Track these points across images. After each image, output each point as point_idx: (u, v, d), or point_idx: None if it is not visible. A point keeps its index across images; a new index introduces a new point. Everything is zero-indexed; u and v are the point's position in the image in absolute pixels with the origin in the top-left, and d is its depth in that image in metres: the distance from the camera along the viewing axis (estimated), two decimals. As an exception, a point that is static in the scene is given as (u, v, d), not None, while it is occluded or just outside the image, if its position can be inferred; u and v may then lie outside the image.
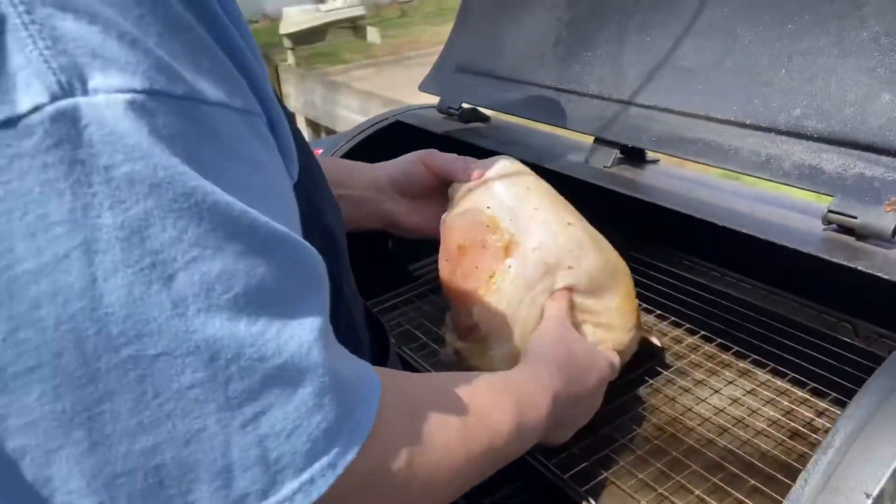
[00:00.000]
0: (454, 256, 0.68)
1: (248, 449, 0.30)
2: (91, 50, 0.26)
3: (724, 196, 0.65)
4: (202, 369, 0.28)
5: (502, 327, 0.65)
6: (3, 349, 0.25)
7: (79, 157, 0.25)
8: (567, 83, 0.80)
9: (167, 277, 0.27)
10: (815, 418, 0.69)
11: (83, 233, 0.25)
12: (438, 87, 0.97)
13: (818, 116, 0.58)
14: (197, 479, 0.29)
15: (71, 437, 0.26)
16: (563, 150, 0.81)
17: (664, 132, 0.68)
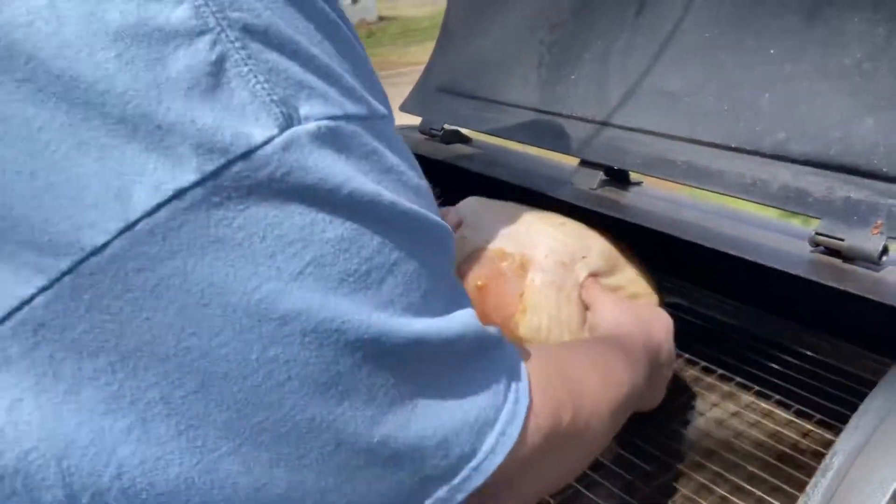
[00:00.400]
0: (476, 298, 0.69)
1: (457, 416, 0.33)
2: (297, 81, 0.28)
3: (710, 218, 0.66)
4: (409, 361, 0.31)
5: (552, 332, 0.67)
6: (256, 367, 0.26)
7: (307, 182, 0.27)
8: (551, 105, 0.80)
9: (379, 282, 0.30)
10: (801, 440, 0.70)
11: (313, 249, 0.27)
12: (420, 107, 0.97)
13: (803, 140, 0.59)
14: (423, 455, 0.32)
15: (319, 439, 0.28)
16: (547, 172, 0.81)
17: (649, 154, 0.69)
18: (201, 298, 0.25)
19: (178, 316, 0.25)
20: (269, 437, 0.27)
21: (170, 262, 0.25)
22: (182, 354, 0.25)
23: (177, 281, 0.25)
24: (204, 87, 0.25)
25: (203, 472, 0.26)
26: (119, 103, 0.24)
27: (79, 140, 0.24)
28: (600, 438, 0.48)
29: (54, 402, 0.24)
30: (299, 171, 0.27)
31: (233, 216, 0.26)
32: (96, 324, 0.24)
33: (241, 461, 0.27)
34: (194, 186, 0.25)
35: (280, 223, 0.27)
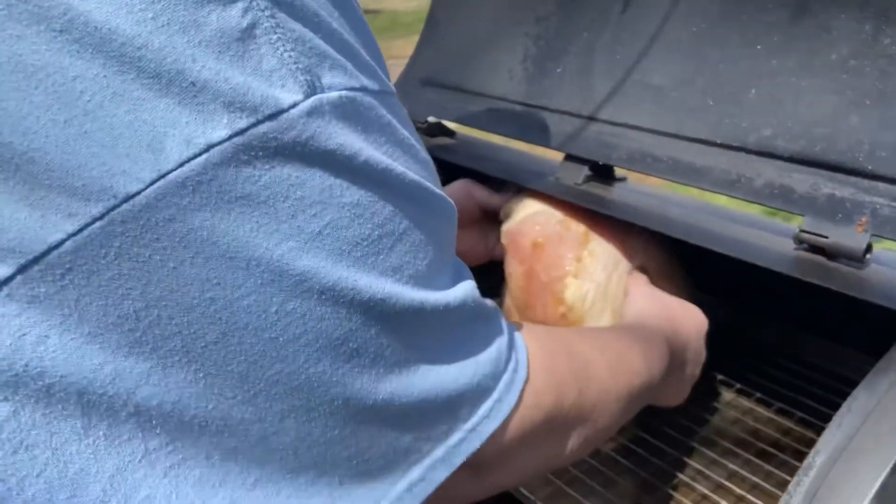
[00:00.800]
0: (529, 255, 0.70)
1: (460, 380, 0.35)
2: (320, 52, 0.29)
3: (695, 215, 0.65)
4: (415, 325, 0.32)
5: (595, 304, 0.68)
6: (275, 320, 0.27)
7: (328, 148, 0.28)
8: (536, 99, 0.80)
9: (389, 248, 0.31)
10: (782, 437, 0.70)
11: (331, 212, 0.28)
12: (404, 99, 0.95)
13: (788, 136, 0.59)
14: (424, 415, 0.34)
15: (329, 393, 0.29)
16: (531, 167, 0.80)
17: (634, 150, 0.68)
18: (227, 251, 0.26)
19: (203, 267, 0.26)
20: (283, 388, 0.28)
21: (199, 213, 0.25)
22: (206, 305, 0.26)
23: (204, 233, 0.26)
24: (235, 51, 0.26)
25: (217, 417, 0.27)
26: (155, 59, 0.25)
27: (113, 91, 0.24)
28: (607, 424, 0.48)
29: (78, 342, 0.24)
30: (321, 137, 0.28)
31: (259, 174, 0.27)
32: (124, 271, 0.25)
33: (255, 410, 0.28)
34: (224, 142, 0.26)
35: (302, 184, 0.28)
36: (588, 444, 0.47)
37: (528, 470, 0.43)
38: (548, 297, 0.69)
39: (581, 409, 0.44)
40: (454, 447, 0.35)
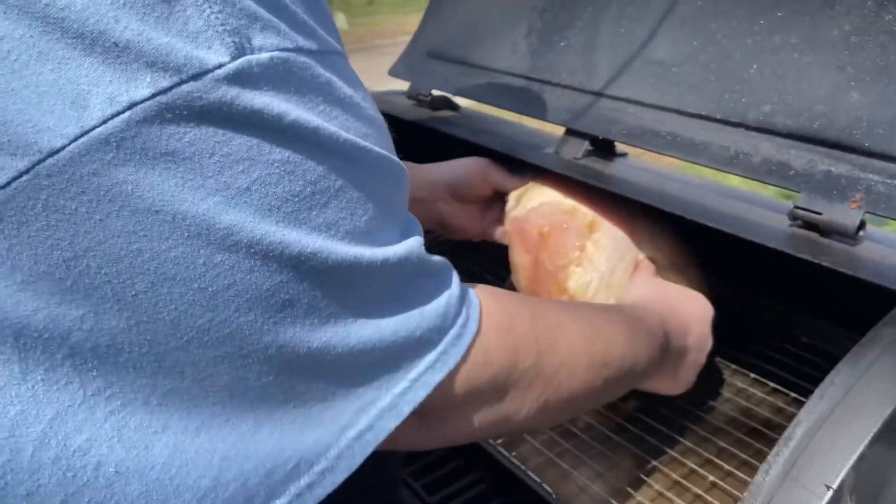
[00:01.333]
0: (535, 244, 0.71)
1: (400, 333, 0.35)
2: (250, 14, 0.29)
3: (692, 191, 0.65)
4: (350, 280, 0.33)
5: (598, 294, 0.68)
6: (203, 271, 0.28)
7: (254, 108, 0.29)
8: (539, 73, 0.79)
9: (323, 205, 0.31)
10: (773, 417, 0.70)
11: (259, 169, 0.29)
12: (409, 72, 0.96)
13: (788, 113, 0.59)
14: (362, 365, 0.34)
15: (261, 342, 0.30)
16: (532, 141, 0.81)
17: (635, 125, 0.68)
18: (152, 205, 0.27)
19: (129, 220, 0.27)
20: (214, 336, 0.29)
21: (123, 168, 0.26)
22: (133, 256, 0.27)
23: (129, 187, 0.27)
24: (160, 12, 0.27)
25: (151, 360, 0.28)
26: (78, 20, 0.26)
27: (39, 51, 0.25)
28: (573, 391, 0.48)
29: (12, 289, 0.26)
30: (248, 97, 0.28)
31: (184, 132, 0.27)
32: (52, 222, 0.26)
33: (187, 355, 0.29)
34: (148, 100, 0.26)
35: (228, 142, 0.28)
36: (552, 410, 0.47)
37: (482, 425, 0.43)
38: (552, 285, 0.69)
39: (540, 372, 0.45)
40: (400, 396, 0.36)
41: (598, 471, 0.65)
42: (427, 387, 0.37)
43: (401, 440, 0.38)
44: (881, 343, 0.45)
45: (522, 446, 0.68)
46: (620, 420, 0.71)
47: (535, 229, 0.71)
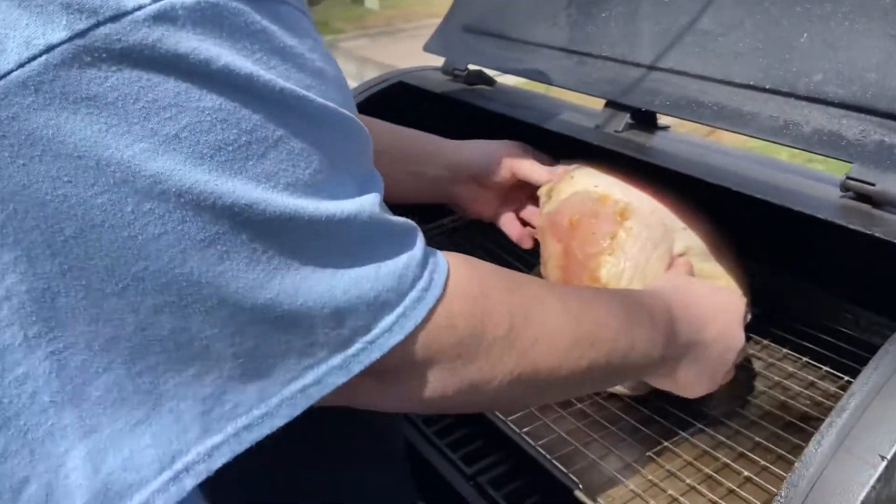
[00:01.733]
0: (566, 233, 0.70)
1: (352, 292, 0.35)
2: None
3: (738, 163, 0.64)
4: (293, 234, 0.32)
5: (633, 283, 0.67)
6: (131, 219, 0.28)
7: (179, 52, 0.28)
8: (579, 45, 0.78)
9: (260, 155, 0.31)
10: (811, 410, 0.69)
11: (188, 115, 0.29)
12: (444, 47, 0.95)
13: (839, 82, 0.57)
14: (312, 322, 0.33)
15: (201, 293, 0.30)
16: (571, 115, 0.80)
17: (679, 96, 0.67)
18: (75, 150, 0.27)
19: (52, 164, 0.27)
20: (151, 284, 0.29)
21: (43, 113, 0.26)
22: (59, 201, 0.27)
23: (50, 132, 0.27)
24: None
25: (89, 305, 0.29)
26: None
27: None
28: (552, 367, 0.46)
29: None
30: (170, 40, 0.28)
31: (105, 76, 0.27)
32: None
33: (127, 303, 0.29)
34: (65, 43, 0.26)
35: (153, 87, 0.28)
36: (528, 385, 0.45)
37: (446, 391, 0.42)
38: (583, 274, 0.68)
39: (513, 344, 0.43)
40: (353, 356, 0.35)
41: (626, 462, 0.64)
42: (382, 349, 0.36)
43: (357, 398, 0.38)
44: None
45: (550, 436, 0.68)
46: (650, 413, 0.71)
47: (566, 218, 0.70)
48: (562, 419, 0.70)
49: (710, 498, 0.60)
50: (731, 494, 0.60)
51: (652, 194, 0.70)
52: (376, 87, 0.98)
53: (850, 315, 0.79)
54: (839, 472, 0.41)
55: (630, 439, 0.67)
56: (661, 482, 0.62)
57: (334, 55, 1.17)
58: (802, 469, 0.43)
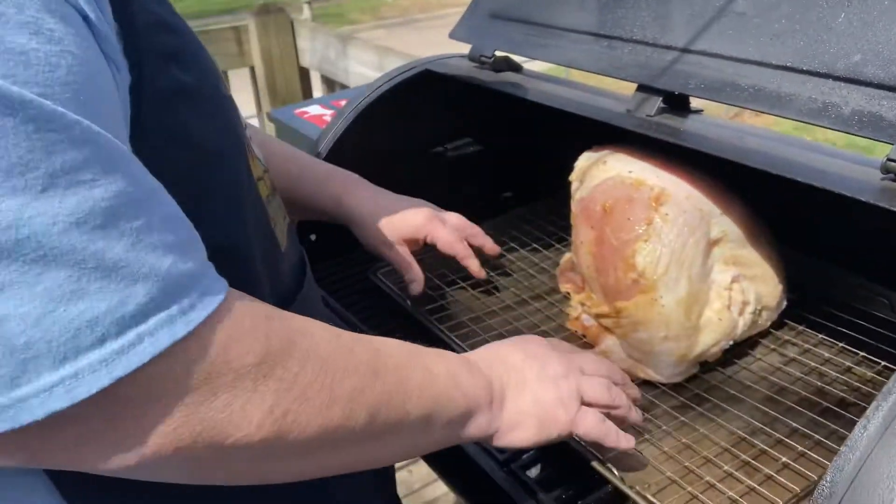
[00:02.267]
0: (599, 220, 0.70)
1: (59, 318, 0.30)
2: None
3: (775, 145, 0.63)
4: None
5: (671, 269, 0.66)
6: None
7: None
8: (608, 29, 0.78)
9: None
10: (848, 396, 0.68)
11: None
12: (470, 33, 0.94)
13: (878, 62, 0.56)
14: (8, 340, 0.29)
15: None
16: (601, 100, 0.79)
17: (713, 79, 0.66)
18: None
19: None
20: None
21: None
22: None
23: None
24: None
25: None
26: None
27: None
28: (328, 411, 0.40)
29: None
30: None
31: None
32: None
33: None
34: None
35: None
36: (303, 425, 0.39)
37: (187, 440, 0.35)
38: (618, 262, 0.68)
39: (270, 373, 0.38)
40: (48, 391, 0.31)
41: (662, 449, 0.64)
42: (89, 385, 0.31)
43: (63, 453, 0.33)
44: None
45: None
46: (685, 399, 0.70)
47: (599, 204, 0.70)
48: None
49: (748, 484, 0.60)
50: (769, 481, 0.60)
51: (686, 179, 0.69)
52: (402, 76, 0.98)
53: (885, 300, 0.78)
54: (887, 455, 0.41)
55: (666, 426, 0.67)
56: (697, 468, 0.62)
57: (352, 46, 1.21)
58: (849, 452, 0.42)
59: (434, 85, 0.98)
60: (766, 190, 0.69)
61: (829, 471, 0.43)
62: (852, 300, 0.79)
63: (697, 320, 0.69)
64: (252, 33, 2.22)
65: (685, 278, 0.67)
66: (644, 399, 0.70)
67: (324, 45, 2.15)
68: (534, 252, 0.98)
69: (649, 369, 0.72)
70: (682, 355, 0.70)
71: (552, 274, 0.90)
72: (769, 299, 0.73)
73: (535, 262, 0.95)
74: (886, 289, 0.78)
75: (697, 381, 0.73)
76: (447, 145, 1.07)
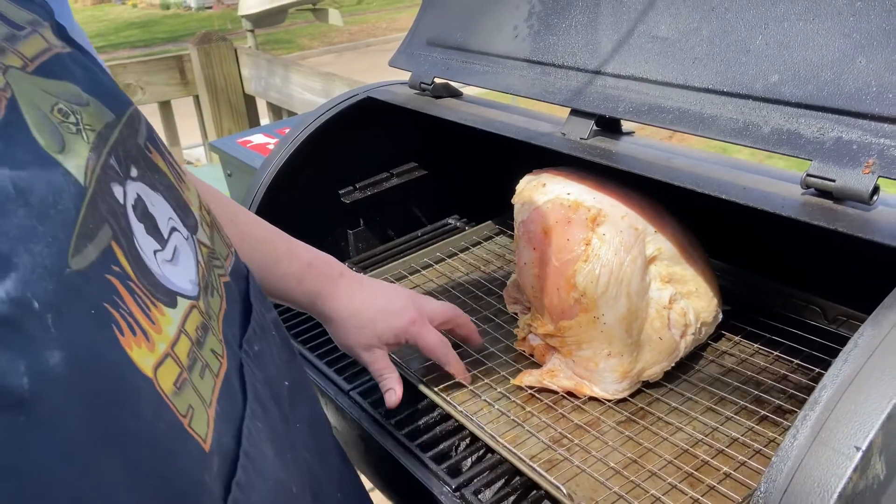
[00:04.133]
0: (540, 241, 0.72)
1: None
2: None
3: (701, 164, 0.65)
4: None
5: (610, 287, 0.68)
6: None
7: None
8: (541, 55, 0.79)
9: None
10: (785, 403, 0.70)
11: None
12: (409, 61, 0.96)
13: (795, 82, 0.59)
14: None
15: None
16: (538, 124, 0.81)
17: (641, 101, 0.68)
18: None
19: None
20: None
21: None
22: None
23: None
24: None
25: None
26: None
27: None
28: None
29: None
30: None
31: None
32: None
33: None
34: None
35: None
36: None
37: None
38: (560, 282, 0.70)
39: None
40: None
41: (608, 465, 0.65)
42: None
43: None
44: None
45: (531, 442, 0.69)
46: (629, 414, 0.71)
47: (539, 226, 0.72)
48: (542, 425, 0.71)
49: (692, 496, 0.61)
50: (711, 491, 0.61)
51: (621, 199, 0.71)
52: (345, 103, 0.99)
53: (817, 308, 0.81)
54: (816, 464, 0.42)
55: (612, 442, 0.68)
56: (643, 482, 0.63)
57: (296, 73, 1.16)
58: (780, 463, 0.44)
59: (377, 111, 0.98)
60: (696, 207, 0.71)
61: (762, 481, 0.44)
62: (786, 310, 0.81)
63: (639, 336, 0.71)
64: (195, 62, 2.20)
65: (624, 296, 0.69)
66: (591, 415, 0.72)
67: (268, 73, 2.14)
68: (482, 274, 0.99)
69: (595, 387, 0.73)
70: (626, 371, 0.71)
71: (499, 295, 0.91)
72: (706, 314, 0.75)
73: (483, 284, 0.96)
74: (818, 297, 0.81)
75: (641, 395, 0.74)
76: (392, 170, 1.08)
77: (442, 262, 1.03)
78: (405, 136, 1.08)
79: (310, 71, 2.01)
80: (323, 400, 0.80)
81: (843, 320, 0.78)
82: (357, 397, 0.78)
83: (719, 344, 0.80)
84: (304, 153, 0.97)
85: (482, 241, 1.08)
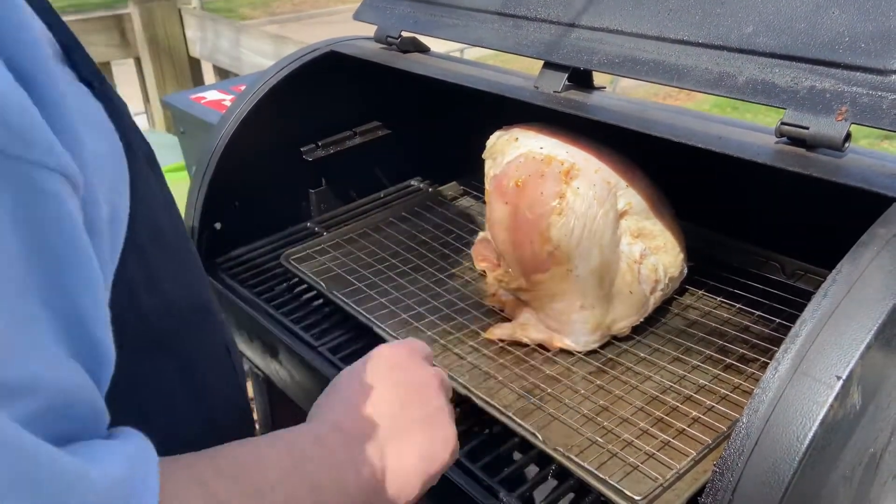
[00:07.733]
0: (513, 195, 0.71)
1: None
2: None
3: (675, 116, 0.66)
4: None
5: (583, 240, 0.68)
6: None
7: None
8: (514, 8, 0.79)
9: None
10: (748, 352, 0.72)
11: None
12: (375, 14, 0.93)
13: (769, 33, 0.60)
14: None
15: None
16: (509, 78, 0.80)
17: (616, 54, 0.68)
18: None
19: None
20: None
21: None
22: None
23: None
24: None
25: None
26: None
27: None
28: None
29: None
30: None
31: None
32: None
33: None
34: None
35: None
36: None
37: None
38: (534, 235, 0.69)
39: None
40: None
41: (581, 413, 0.66)
42: None
43: None
44: (879, 241, 0.46)
45: (505, 393, 0.69)
46: (600, 364, 0.73)
47: (511, 180, 0.71)
48: (514, 377, 0.71)
49: (663, 439, 0.62)
50: (681, 434, 0.63)
51: (594, 154, 0.71)
52: (306, 57, 0.96)
53: (776, 264, 0.83)
54: (798, 394, 0.43)
55: (584, 391, 0.69)
56: (615, 428, 0.64)
57: (246, 35, 1.10)
58: (762, 394, 0.45)
59: (340, 66, 0.96)
60: (666, 163, 0.72)
61: (744, 412, 0.45)
62: (747, 265, 0.84)
63: (610, 288, 0.72)
64: (136, 21, 2.11)
65: (597, 248, 0.69)
66: (562, 366, 0.73)
67: (215, 35, 2.07)
68: (447, 233, 0.98)
69: (566, 339, 0.74)
70: (598, 323, 0.72)
71: (467, 253, 0.91)
72: (673, 269, 0.76)
73: (450, 242, 0.96)
74: (778, 253, 0.83)
75: (610, 346, 0.75)
76: (356, 129, 1.06)
77: (407, 220, 1.02)
78: (369, 94, 1.06)
79: (260, 33, 1.95)
80: (293, 358, 0.79)
81: (801, 274, 0.81)
82: (326, 353, 0.77)
83: (684, 298, 0.82)
84: (264, 108, 0.94)
85: (447, 202, 1.07)
